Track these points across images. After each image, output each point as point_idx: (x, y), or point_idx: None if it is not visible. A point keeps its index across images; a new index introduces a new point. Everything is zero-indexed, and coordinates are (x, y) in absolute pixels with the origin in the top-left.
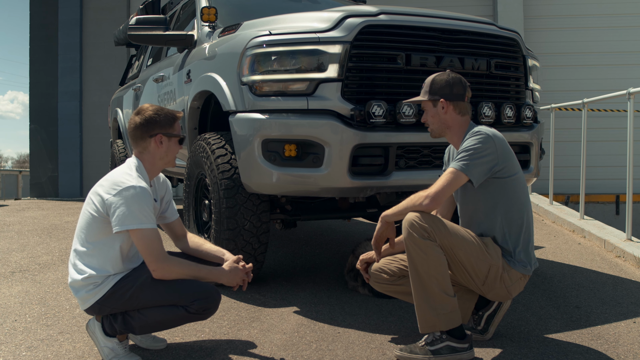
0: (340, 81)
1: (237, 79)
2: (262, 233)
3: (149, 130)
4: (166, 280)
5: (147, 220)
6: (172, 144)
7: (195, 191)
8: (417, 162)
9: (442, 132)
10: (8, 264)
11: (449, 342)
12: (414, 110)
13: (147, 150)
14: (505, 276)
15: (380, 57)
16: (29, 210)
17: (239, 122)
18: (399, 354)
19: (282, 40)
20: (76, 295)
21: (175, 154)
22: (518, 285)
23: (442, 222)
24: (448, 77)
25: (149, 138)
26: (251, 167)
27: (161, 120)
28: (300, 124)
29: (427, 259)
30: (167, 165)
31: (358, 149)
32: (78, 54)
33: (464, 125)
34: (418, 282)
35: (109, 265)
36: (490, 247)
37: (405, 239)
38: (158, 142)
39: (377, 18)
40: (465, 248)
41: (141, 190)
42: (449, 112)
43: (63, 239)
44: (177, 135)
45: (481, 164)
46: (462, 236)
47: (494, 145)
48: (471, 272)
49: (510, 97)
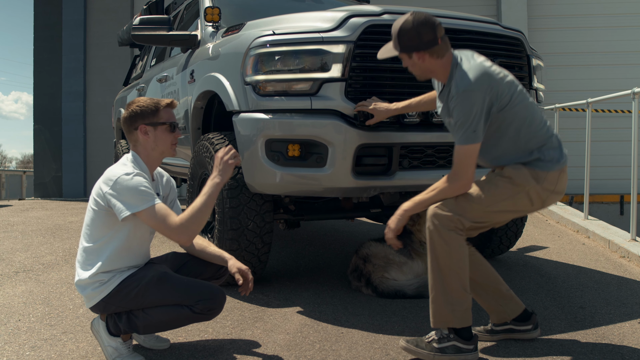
0: (344, 81)
1: (241, 79)
2: (266, 233)
3: (133, 123)
4: (172, 280)
5: (149, 199)
6: (160, 133)
7: (198, 191)
8: (420, 162)
9: (426, 76)
10: (12, 263)
11: (455, 342)
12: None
13: (138, 143)
14: (546, 185)
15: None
16: (32, 210)
17: (243, 122)
18: (405, 345)
19: (286, 40)
20: (82, 293)
21: (168, 142)
22: (561, 181)
23: (461, 198)
24: (413, 25)
25: (135, 131)
26: (255, 167)
27: (143, 111)
28: (303, 124)
29: (449, 251)
30: (163, 154)
31: (362, 148)
32: (82, 55)
33: (446, 64)
34: (437, 275)
35: (115, 261)
36: (514, 177)
37: (428, 230)
38: (143, 133)
39: (381, 18)
40: (497, 202)
41: (135, 175)
42: (426, 60)
43: (67, 239)
44: (162, 123)
45: (478, 122)
46: (487, 195)
47: (481, 94)
48: (519, 211)
49: None
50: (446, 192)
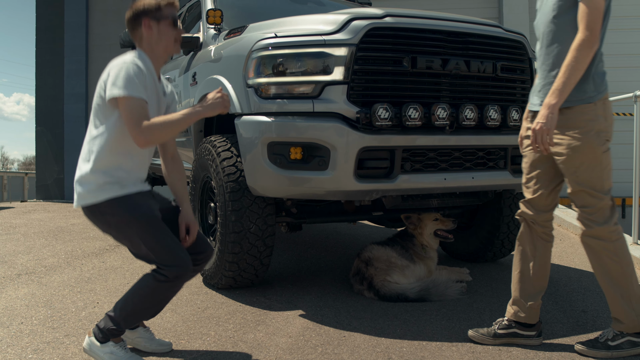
0: (346, 84)
1: (243, 82)
2: (268, 236)
3: (137, 19)
4: (158, 229)
5: (133, 89)
6: (163, 27)
7: (200, 194)
8: (422, 165)
9: None
10: (14, 266)
11: (630, 337)
12: (420, 113)
13: (142, 40)
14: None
15: (386, 60)
16: (35, 213)
17: (245, 124)
18: (580, 348)
19: (288, 43)
20: (77, 189)
21: (172, 37)
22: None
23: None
24: None
25: (139, 27)
26: (257, 170)
27: (146, 8)
28: (306, 126)
29: (620, 262)
30: (167, 50)
31: (364, 151)
32: (84, 57)
33: None
34: (611, 283)
35: (112, 156)
36: (590, 138)
37: (582, 237)
38: (147, 27)
39: (383, 20)
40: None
41: (131, 64)
42: None
43: (69, 241)
44: (166, 17)
45: None
46: (598, 165)
47: None
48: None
49: (516, 100)
50: (584, 56)
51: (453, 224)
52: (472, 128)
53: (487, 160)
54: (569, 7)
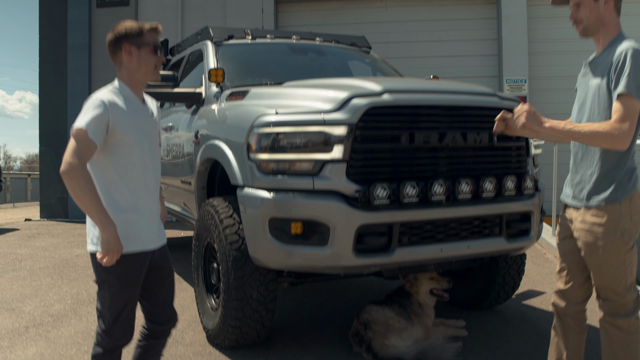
0: (345, 162)
1: (245, 154)
2: (270, 301)
3: (117, 43)
4: (116, 300)
5: (84, 124)
6: (144, 53)
7: (204, 252)
8: (419, 237)
9: (595, 30)
10: (22, 315)
11: None
12: (417, 190)
13: (122, 65)
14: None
15: (385, 137)
16: (39, 237)
17: (247, 198)
18: None
19: (288, 121)
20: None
21: (152, 63)
22: None
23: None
24: None
25: (119, 51)
26: (258, 243)
27: (127, 32)
28: (306, 204)
29: (629, 353)
30: (146, 76)
31: (362, 228)
32: (87, 78)
33: (618, 27)
34: None
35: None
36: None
37: (602, 322)
38: (127, 52)
39: (381, 98)
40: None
41: (94, 100)
42: (609, 9)
43: (74, 280)
44: (147, 44)
45: None
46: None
47: None
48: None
49: (511, 167)
50: (600, 139)
51: (448, 283)
52: (468, 200)
53: (482, 228)
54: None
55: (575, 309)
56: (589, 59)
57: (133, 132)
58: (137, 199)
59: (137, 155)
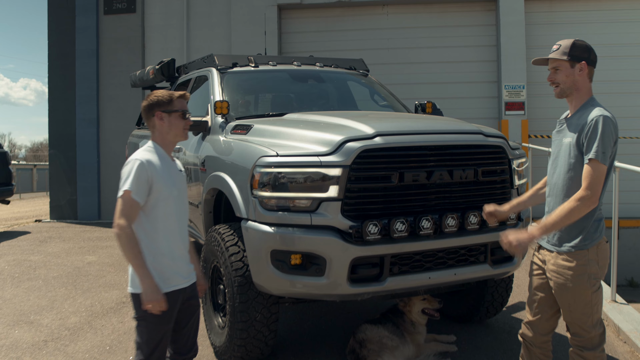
0: (340, 200)
1: (249, 190)
2: (272, 322)
3: (151, 110)
4: (152, 334)
5: (128, 186)
6: (174, 119)
7: (211, 274)
8: (409, 267)
9: (570, 93)
10: (40, 328)
11: None
12: (406, 225)
13: (155, 129)
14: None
15: (376, 177)
16: (51, 242)
17: (250, 231)
18: None
19: (288, 163)
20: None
21: (181, 127)
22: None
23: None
24: (586, 44)
25: (152, 117)
26: (261, 272)
27: (159, 101)
28: (304, 239)
29: None
30: (177, 138)
31: (356, 260)
32: (95, 83)
33: (590, 91)
34: None
35: (147, 241)
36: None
37: (571, 353)
38: (159, 119)
39: (373, 141)
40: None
41: (134, 162)
42: (582, 76)
43: (87, 290)
44: (176, 110)
45: (610, 149)
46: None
47: (614, 129)
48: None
49: (496, 199)
50: (579, 209)
51: (439, 304)
52: (455, 232)
53: (468, 256)
54: (582, 163)
55: (542, 339)
56: (562, 117)
57: (168, 186)
58: (172, 244)
59: (172, 206)
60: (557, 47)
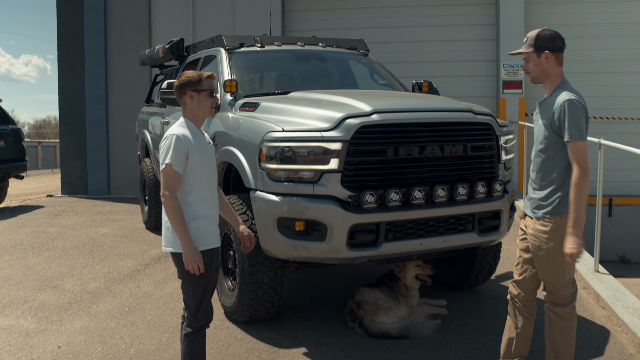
0: (340, 172)
1: (257, 163)
2: (278, 284)
3: (182, 89)
4: (198, 288)
5: (169, 159)
6: (202, 97)
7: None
8: (402, 233)
9: (541, 79)
10: (64, 292)
11: None
12: (400, 195)
13: (186, 106)
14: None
15: (373, 151)
16: (64, 215)
17: (258, 200)
18: None
19: (293, 137)
20: (164, 233)
21: (209, 105)
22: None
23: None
24: (550, 32)
25: (183, 96)
26: (268, 238)
27: (189, 80)
28: (307, 207)
29: (564, 335)
30: (205, 114)
31: (354, 227)
32: (103, 61)
33: (560, 75)
34: (551, 346)
35: (189, 205)
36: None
37: (545, 308)
38: (190, 97)
39: (371, 118)
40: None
41: (171, 137)
42: (550, 62)
43: (103, 259)
44: (204, 89)
45: (583, 124)
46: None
47: (583, 108)
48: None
49: (484, 173)
50: (582, 185)
51: (432, 270)
52: (444, 202)
53: (457, 225)
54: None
55: (527, 297)
56: (540, 101)
57: (200, 156)
58: (206, 208)
59: (205, 174)
60: (525, 40)
